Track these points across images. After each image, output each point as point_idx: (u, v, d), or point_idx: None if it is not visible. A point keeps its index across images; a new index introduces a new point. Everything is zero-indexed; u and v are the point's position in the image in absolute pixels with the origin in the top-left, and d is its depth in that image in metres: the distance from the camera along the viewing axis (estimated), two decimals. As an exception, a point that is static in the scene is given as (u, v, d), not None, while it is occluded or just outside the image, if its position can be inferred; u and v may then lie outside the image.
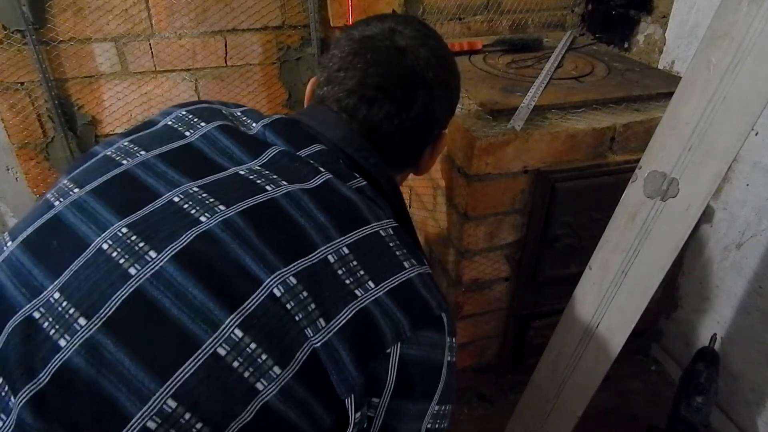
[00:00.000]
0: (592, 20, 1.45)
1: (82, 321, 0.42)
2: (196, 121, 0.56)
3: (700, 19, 1.13)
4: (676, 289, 1.27)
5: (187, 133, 0.55)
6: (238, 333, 0.41)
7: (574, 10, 1.49)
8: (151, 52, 1.21)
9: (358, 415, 0.45)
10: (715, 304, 1.16)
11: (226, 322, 0.41)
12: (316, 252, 0.46)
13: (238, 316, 0.42)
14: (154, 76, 1.24)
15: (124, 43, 1.18)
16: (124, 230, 0.45)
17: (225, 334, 0.41)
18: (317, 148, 0.56)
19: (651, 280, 0.77)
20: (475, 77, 1.12)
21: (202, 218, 0.46)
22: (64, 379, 0.40)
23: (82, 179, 0.51)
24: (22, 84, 1.15)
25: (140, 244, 0.44)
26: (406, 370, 0.47)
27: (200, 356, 0.41)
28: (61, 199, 0.50)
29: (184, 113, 0.57)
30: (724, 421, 1.16)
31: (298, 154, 0.54)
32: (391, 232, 0.51)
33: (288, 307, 0.43)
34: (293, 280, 0.44)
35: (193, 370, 0.40)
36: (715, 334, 1.06)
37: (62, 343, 0.41)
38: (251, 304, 0.42)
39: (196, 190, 0.48)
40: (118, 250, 0.44)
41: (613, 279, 0.82)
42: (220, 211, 0.46)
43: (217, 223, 0.46)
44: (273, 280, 0.43)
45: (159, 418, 0.39)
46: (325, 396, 0.43)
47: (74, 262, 0.44)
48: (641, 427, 1.15)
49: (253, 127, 0.57)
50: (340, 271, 0.46)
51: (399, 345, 0.46)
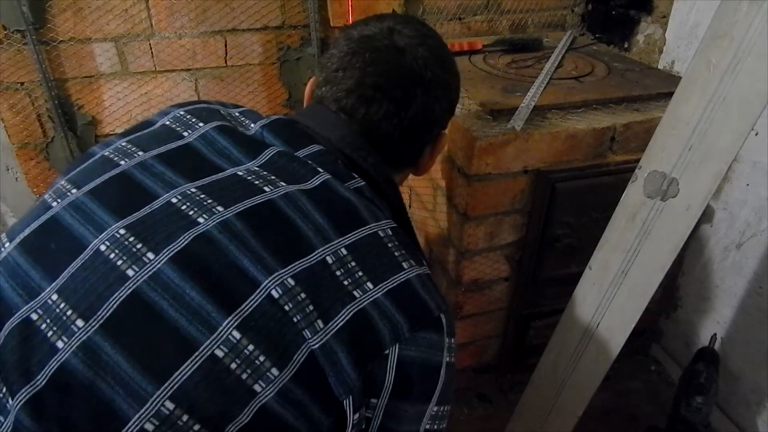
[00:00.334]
0: (592, 20, 1.45)
1: (80, 323, 0.41)
2: (194, 122, 0.56)
3: (700, 19, 1.13)
4: (676, 289, 1.27)
5: (185, 134, 0.54)
6: (236, 335, 0.41)
7: (574, 10, 1.49)
8: (151, 52, 1.21)
9: (356, 416, 0.45)
10: (715, 304, 1.16)
11: (224, 324, 0.41)
12: (315, 253, 0.46)
13: (235, 318, 0.42)
14: (154, 76, 1.24)
15: (124, 43, 1.18)
16: (122, 231, 0.45)
17: (223, 335, 0.41)
18: (315, 148, 0.56)
19: (651, 280, 0.77)
20: (475, 77, 1.12)
21: (200, 219, 0.46)
22: (62, 381, 0.40)
23: (80, 180, 0.51)
24: (22, 84, 1.15)
25: (138, 246, 0.44)
26: (404, 371, 0.47)
27: (198, 358, 0.40)
28: (58, 200, 0.49)
29: (182, 113, 0.57)
30: (724, 421, 1.16)
31: (296, 154, 0.54)
32: (390, 233, 0.51)
33: (286, 308, 0.43)
34: (291, 282, 0.44)
35: (191, 371, 0.40)
36: (715, 334, 1.06)
37: (60, 344, 0.41)
38: (249, 306, 0.42)
39: (194, 191, 0.48)
40: (116, 252, 0.44)
41: (613, 279, 0.82)
42: (218, 212, 0.46)
43: (215, 224, 0.45)
44: (271, 282, 0.43)
45: (156, 420, 0.39)
46: (323, 397, 0.43)
47: (72, 264, 0.44)
48: (641, 427, 1.15)
49: (252, 127, 0.57)
50: (339, 273, 0.46)
51: (397, 346, 0.46)
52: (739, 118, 0.66)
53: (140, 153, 0.52)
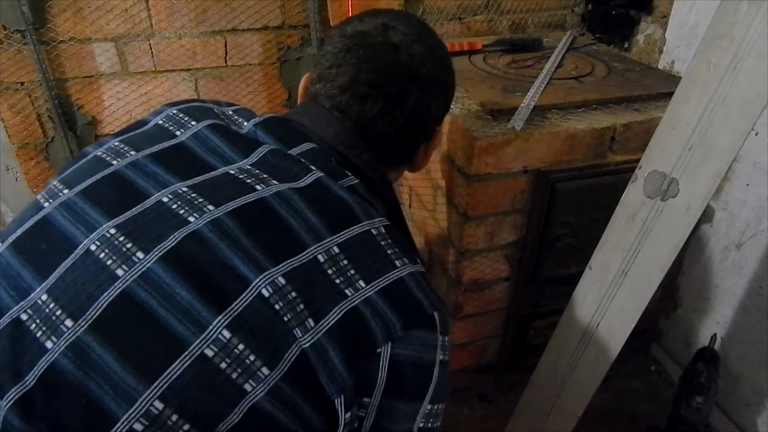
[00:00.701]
0: (592, 20, 1.45)
1: (69, 323, 0.41)
2: (187, 120, 0.56)
3: (700, 19, 1.13)
4: (676, 289, 1.27)
5: (178, 133, 0.54)
6: (226, 334, 0.41)
7: (574, 10, 1.49)
8: (151, 52, 1.21)
9: (348, 415, 0.45)
10: (715, 304, 1.16)
11: (214, 323, 0.41)
12: (306, 252, 0.46)
13: (225, 317, 0.41)
14: (154, 76, 1.24)
15: (124, 43, 1.18)
16: (112, 231, 0.45)
17: (213, 335, 0.41)
18: (309, 146, 0.55)
19: (651, 280, 0.77)
20: (475, 77, 1.12)
21: (191, 218, 0.46)
22: (51, 380, 0.40)
23: (72, 180, 0.51)
24: (22, 84, 1.15)
25: (128, 245, 0.44)
26: (397, 369, 0.46)
27: (187, 357, 0.40)
28: (50, 200, 0.49)
29: (175, 112, 0.57)
30: (724, 421, 1.16)
31: (289, 152, 0.54)
32: (383, 231, 0.50)
33: (276, 307, 0.42)
34: (282, 281, 0.43)
35: (180, 371, 0.40)
36: (715, 334, 1.06)
37: (49, 345, 0.41)
38: (239, 305, 0.42)
39: (185, 190, 0.48)
40: (106, 251, 0.44)
41: (613, 279, 0.82)
42: (209, 211, 0.46)
43: (205, 223, 0.45)
44: (261, 281, 0.43)
45: (146, 420, 0.39)
46: (315, 397, 0.43)
47: (62, 264, 0.44)
48: (641, 427, 1.15)
49: (245, 126, 0.57)
50: (330, 271, 0.45)
51: (390, 345, 0.45)
52: (739, 118, 0.66)
53: (132, 152, 0.52)
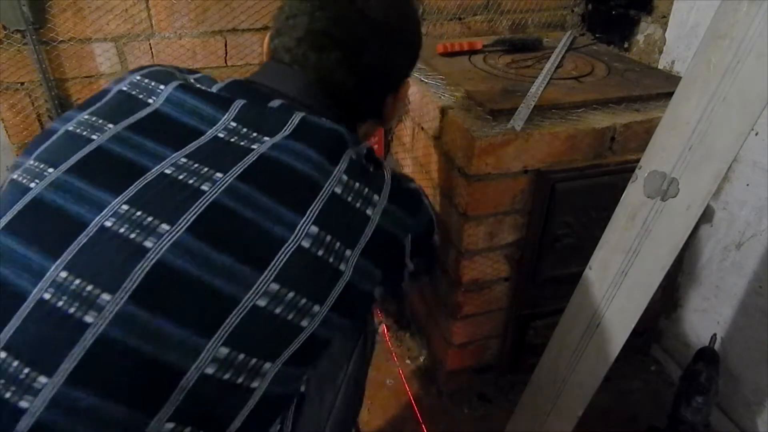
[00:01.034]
0: (592, 20, 1.45)
1: (106, 296, 0.42)
2: (154, 85, 0.55)
3: (700, 19, 1.13)
4: (676, 289, 1.27)
5: (150, 100, 0.54)
6: (275, 286, 0.45)
7: (574, 10, 1.49)
8: (151, 52, 1.21)
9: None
10: (715, 304, 1.16)
11: (260, 280, 0.45)
12: (323, 190, 0.49)
13: (270, 273, 0.45)
14: (154, 76, 1.24)
15: (124, 43, 1.18)
16: (125, 207, 0.45)
17: (261, 289, 0.45)
18: (279, 102, 0.56)
19: (651, 280, 0.77)
20: (475, 77, 1.12)
21: (204, 187, 0.47)
22: (102, 351, 0.41)
23: (53, 159, 0.50)
24: (22, 84, 1.15)
25: (149, 219, 0.45)
26: (414, 243, 0.58)
27: (241, 310, 0.44)
28: (36, 180, 0.48)
29: (139, 78, 0.56)
30: (724, 421, 1.16)
31: (267, 105, 0.55)
32: (365, 152, 0.57)
33: (319, 254, 0.48)
34: (315, 229, 0.48)
35: (237, 321, 0.44)
36: (715, 334, 1.06)
37: (89, 319, 0.41)
38: (281, 261, 0.46)
39: (184, 161, 0.49)
40: (126, 226, 0.44)
41: (613, 279, 0.82)
42: (219, 179, 0.47)
43: (222, 191, 0.47)
44: (297, 235, 0.47)
45: (215, 364, 0.43)
46: (359, 312, 0.55)
47: (75, 242, 0.44)
48: (641, 427, 1.15)
49: (208, 90, 0.57)
50: (350, 198, 0.51)
51: (409, 236, 0.57)
52: (739, 118, 0.66)
53: (110, 126, 0.51)
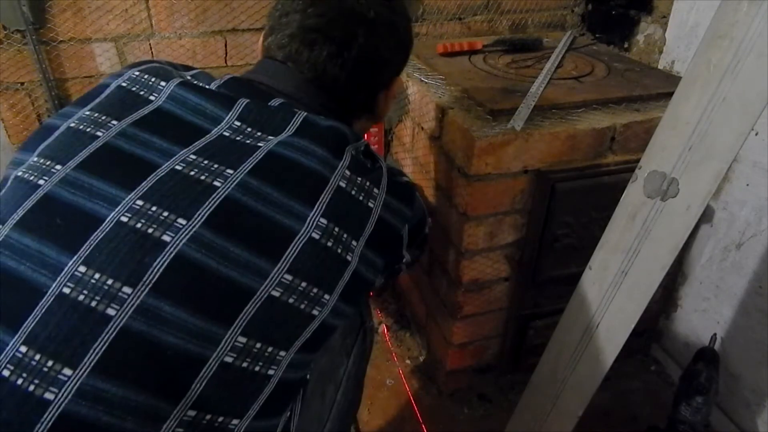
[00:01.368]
0: (592, 20, 1.45)
1: (127, 290, 0.43)
2: (155, 81, 0.56)
3: (700, 19, 1.13)
4: (676, 289, 1.27)
5: (152, 97, 0.54)
6: (288, 277, 0.47)
7: (574, 10, 1.49)
8: (151, 53, 1.21)
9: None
10: (715, 304, 1.16)
11: (274, 271, 0.47)
12: (330, 183, 0.51)
13: (284, 264, 0.47)
14: (154, 76, 1.24)
15: (124, 43, 1.18)
16: (140, 203, 0.46)
17: (276, 279, 0.47)
18: (278, 101, 0.57)
19: (651, 280, 0.77)
20: (475, 77, 1.12)
21: (216, 183, 0.48)
22: (125, 343, 0.42)
23: (59, 155, 0.50)
24: (22, 84, 1.15)
25: (165, 214, 0.46)
26: (411, 232, 0.63)
27: (257, 300, 0.46)
28: (44, 177, 0.48)
29: (138, 73, 0.57)
30: (724, 421, 1.16)
31: (269, 104, 0.56)
32: (362, 149, 0.59)
33: (329, 245, 0.50)
34: (324, 221, 0.50)
35: (254, 311, 0.46)
36: (715, 334, 1.06)
37: (111, 312, 0.42)
38: (293, 252, 0.48)
39: (194, 157, 0.49)
40: (143, 221, 0.45)
41: (613, 279, 0.82)
42: (230, 175, 0.49)
43: (234, 187, 0.48)
44: (308, 227, 0.49)
45: (234, 353, 0.45)
46: (361, 298, 0.59)
47: (91, 237, 0.44)
48: (641, 427, 1.15)
49: (208, 87, 0.57)
50: (353, 191, 0.53)
51: (406, 226, 0.61)
52: (739, 118, 0.66)
53: (114, 122, 0.52)
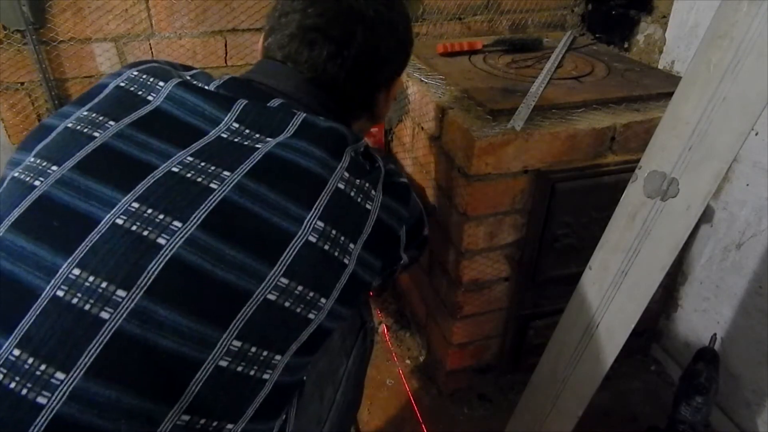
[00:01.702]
0: (592, 20, 1.45)
1: (121, 293, 0.42)
2: (153, 81, 0.55)
3: (700, 19, 1.13)
4: (676, 289, 1.27)
5: (150, 97, 0.54)
6: (284, 280, 0.47)
7: (574, 10, 1.49)
8: (151, 52, 1.21)
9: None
10: (715, 304, 1.16)
11: (270, 274, 0.46)
12: (328, 185, 0.51)
13: (280, 267, 0.47)
14: (154, 76, 1.24)
15: (124, 43, 1.18)
16: (136, 205, 0.46)
17: (272, 282, 0.46)
18: (278, 101, 0.57)
19: (651, 280, 0.77)
20: (475, 77, 1.12)
21: (213, 185, 0.47)
22: (119, 346, 0.42)
23: (55, 156, 0.49)
24: (22, 84, 1.15)
25: (160, 216, 0.45)
26: (409, 232, 0.64)
27: (253, 303, 0.45)
28: (40, 178, 0.48)
29: (137, 74, 0.56)
30: (724, 421, 1.16)
31: (267, 105, 0.56)
32: (362, 150, 0.59)
33: (326, 248, 0.49)
34: (321, 224, 0.49)
35: (249, 315, 0.45)
36: (715, 334, 1.06)
37: (105, 315, 0.42)
38: (290, 255, 0.47)
39: (191, 159, 0.49)
40: (138, 224, 0.45)
41: (613, 279, 0.82)
42: (227, 176, 0.48)
43: (230, 189, 0.47)
44: (305, 230, 0.48)
45: (228, 357, 0.45)
46: (359, 299, 0.58)
47: (87, 239, 0.44)
48: (641, 427, 1.15)
49: (207, 88, 0.57)
50: (352, 193, 0.53)
51: (404, 227, 0.61)
52: (739, 118, 0.66)
53: (111, 122, 0.51)
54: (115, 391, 0.41)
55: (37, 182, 0.48)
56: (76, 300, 0.42)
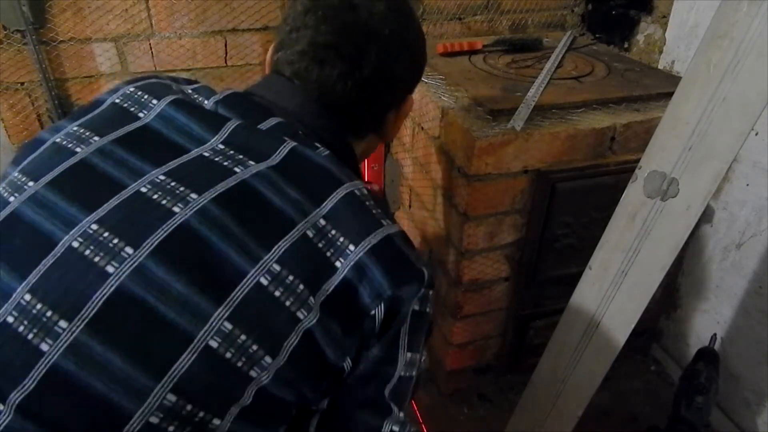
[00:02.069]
0: (592, 20, 1.45)
1: (63, 324, 0.40)
2: (147, 99, 0.53)
3: (700, 19, 1.13)
4: (676, 289, 1.27)
5: (141, 114, 0.52)
6: (228, 325, 0.42)
7: (574, 10, 1.49)
8: (151, 52, 1.21)
9: (350, 368, 0.49)
10: (715, 304, 1.16)
11: (215, 315, 0.42)
12: (295, 230, 0.46)
13: (226, 309, 0.42)
14: (154, 76, 1.24)
15: (124, 43, 1.18)
16: (95, 227, 0.43)
17: (215, 326, 0.41)
18: (274, 121, 0.54)
19: (651, 280, 0.77)
20: (475, 77, 1.12)
21: (176, 209, 0.44)
22: (53, 383, 0.40)
23: (35, 171, 0.48)
24: (22, 84, 1.15)
25: (114, 241, 0.43)
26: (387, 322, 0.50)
27: (193, 350, 0.41)
28: (15, 194, 0.47)
29: (132, 90, 0.55)
30: (724, 421, 1.16)
31: (258, 127, 0.53)
32: (366, 192, 0.52)
33: (276, 294, 0.44)
34: (277, 268, 0.44)
35: (189, 363, 0.41)
36: (715, 334, 1.06)
37: (44, 347, 0.40)
38: (238, 296, 0.42)
39: (162, 178, 0.46)
40: (91, 248, 0.43)
41: (613, 279, 0.82)
42: (193, 200, 0.45)
43: (192, 213, 0.44)
44: (258, 270, 0.44)
45: (161, 413, 0.40)
46: (318, 372, 0.47)
47: (42, 262, 0.42)
48: (641, 427, 1.15)
49: (206, 104, 0.55)
50: (321, 244, 0.46)
51: (382, 305, 0.48)
52: (739, 118, 0.66)
53: (96, 138, 0.50)
54: (42, 429, 0.39)
55: (12, 198, 0.46)
56: (22, 328, 0.40)
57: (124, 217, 0.44)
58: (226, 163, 0.48)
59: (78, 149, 0.49)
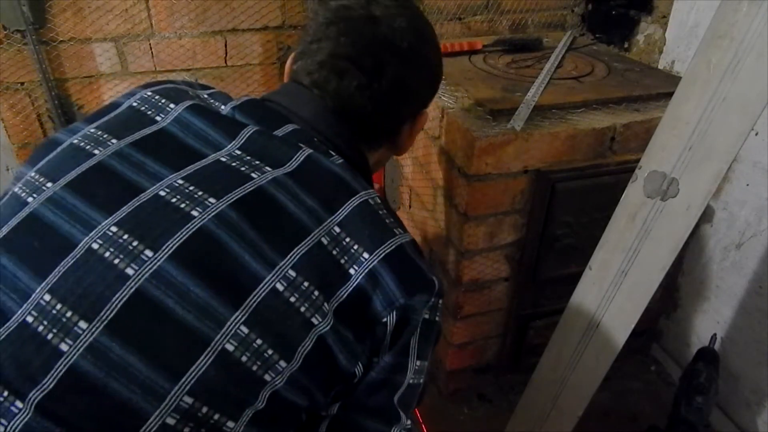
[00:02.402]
0: (592, 20, 1.45)
1: (83, 324, 0.41)
2: (164, 103, 0.54)
3: (700, 19, 1.13)
4: (676, 289, 1.27)
5: (158, 118, 0.53)
6: (244, 329, 0.43)
7: (574, 10, 1.49)
8: (151, 52, 1.21)
9: (361, 370, 0.50)
10: (715, 304, 1.16)
11: (231, 319, 0.42)
12: (310, 237, 0.47)
13: (242, 313, 0.43)
14: (154, 76, 1.24)
15: (124, 43, 1.18)
16: (114, 229, 0.44)
17: (232, 330, 0.42)
18: (290, 128, 0.55)
19: (651, 280, 0.77)
20: (475, 77, 1.12)
21: (194, 213, 0.45)
22: (71, 383, 0.40)
23: (53, 172, 0.49)
24: (22, 84, 1.15)
25: (134, 243, 0.43)
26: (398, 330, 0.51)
27: (210, 353, 0.42)
28: (34, 194, 0.47)
29: (150, 94, 0.55)
30: (724, 421, 1.16)
31: (274, 134, 0.53)
32: (379, 201, 0.52)
33: (292, 300, 0.44)
34: (293, 273, 0.45)
35: (206, 366, 0.41)
36: (715, 334, 1.06)
37: (64, 347, 0.40)
38: (254, 301, 0.43)
39: (181, 182, 0.47)
40: (111, 250, 0.43)
41: (613, 279, 0.82)
42: (211, 204, 0.46)
43: (210, 218, 0.45)
44: (274, 276, 0.44)
45: (177, 414, 0.41)
46: (329, 379, 0.48)
47: (61, 263, 0.43)
48: (641, 427, 1.15)
49: (222, 109, 0.56)
50: (335, 252, 0.47)
51: (394, 313, 0.48)
52: (739, 118, 0.66)
53: (113, 141, 0.50)
54: (61, 428, 0.40)
55: (30, 198, 0.47)
56: (41, 328, 0.41)
57: (143, 220, 0.45)
58: (243, 169, 0.49)
59: (96, 151, 0.50)
